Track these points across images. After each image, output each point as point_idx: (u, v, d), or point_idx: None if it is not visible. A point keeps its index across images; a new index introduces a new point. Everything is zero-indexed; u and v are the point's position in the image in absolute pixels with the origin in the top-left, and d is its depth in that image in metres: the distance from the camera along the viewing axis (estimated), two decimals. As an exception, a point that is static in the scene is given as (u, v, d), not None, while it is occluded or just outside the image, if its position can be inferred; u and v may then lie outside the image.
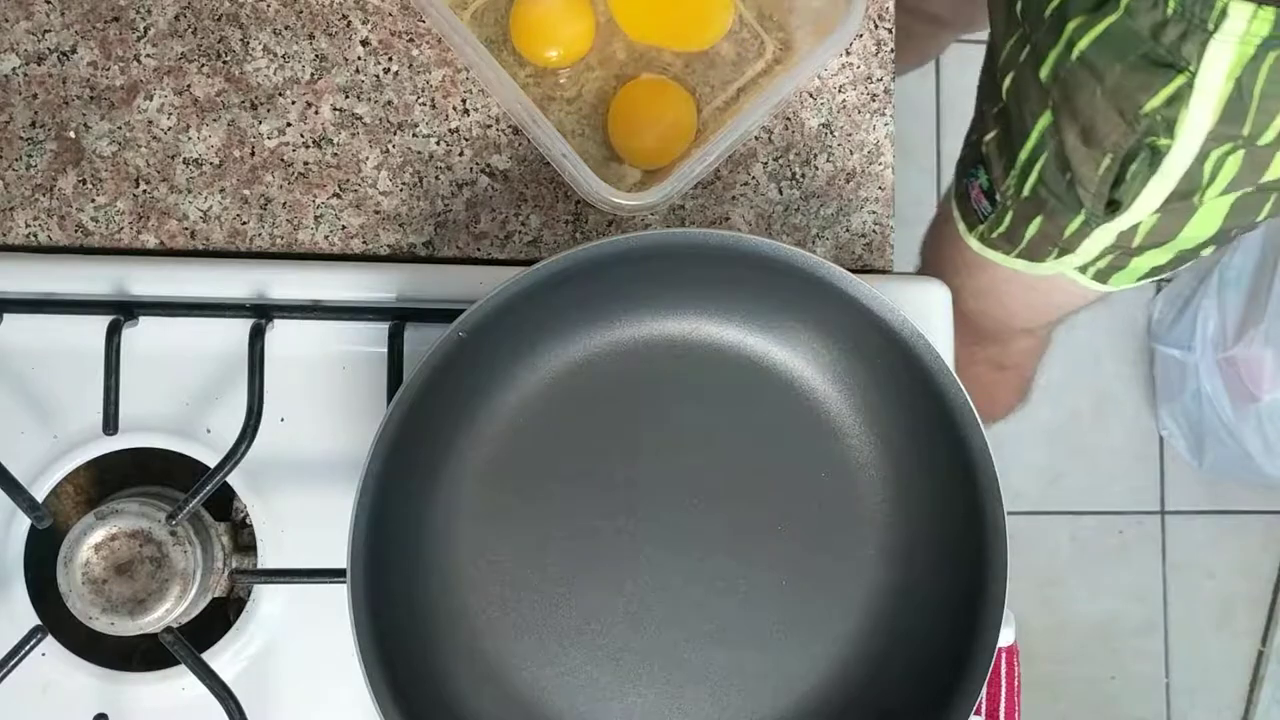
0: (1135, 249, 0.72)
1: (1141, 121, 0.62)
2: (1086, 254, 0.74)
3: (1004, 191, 0.75)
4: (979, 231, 0.80)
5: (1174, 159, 0.63)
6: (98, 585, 0.52)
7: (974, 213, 0.80)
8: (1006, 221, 0.76)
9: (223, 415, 0.59)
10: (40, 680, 0.57)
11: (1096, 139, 0.65)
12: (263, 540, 0.58)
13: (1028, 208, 0.74)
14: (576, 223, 0.62)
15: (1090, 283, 0.78)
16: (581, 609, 0.55)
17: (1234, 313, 1.44)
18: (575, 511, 0.55)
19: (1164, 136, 0.62)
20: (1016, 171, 0.73)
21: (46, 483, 0.58)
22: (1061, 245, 0.74)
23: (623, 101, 0.62)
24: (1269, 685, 1.62)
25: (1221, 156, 0.63)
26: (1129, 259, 0.74)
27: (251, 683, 0.58)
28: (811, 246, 0.63)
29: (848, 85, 0.64)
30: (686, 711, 0.55)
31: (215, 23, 0.61)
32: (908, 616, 0.55)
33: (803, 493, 0.56)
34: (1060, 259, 0.75)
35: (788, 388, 0.57)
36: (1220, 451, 1.53)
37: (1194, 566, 1.64)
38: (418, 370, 0.50)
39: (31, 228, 0.60)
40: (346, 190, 0.61)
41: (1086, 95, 0.64)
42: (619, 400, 0.56)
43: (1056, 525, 1.62)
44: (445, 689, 0.53)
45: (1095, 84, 0.63)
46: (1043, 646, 1.59)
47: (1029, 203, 0.73)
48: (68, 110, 0.60)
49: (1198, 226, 0.70)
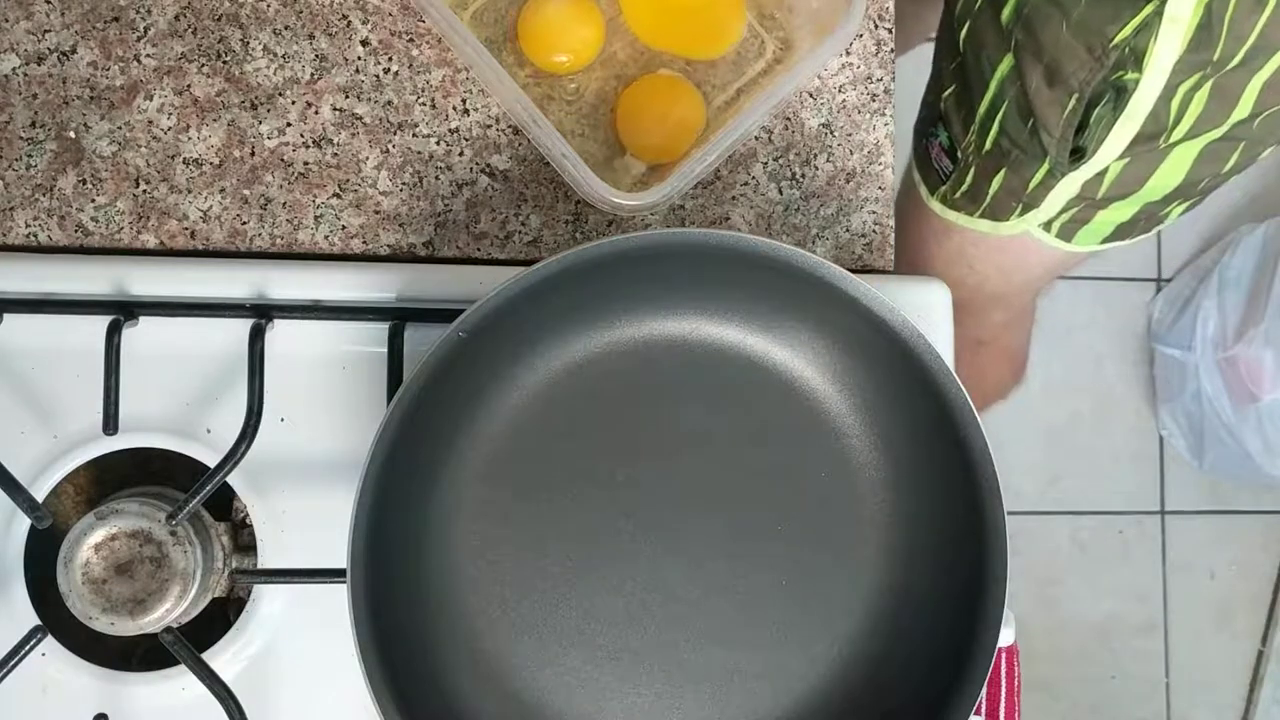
0: (1100, 200, 0.72)
1: (1110, 55, 0.62)
2: (1051, 208, 0.73)
3: (965, 148, 0.75)
4: (941, 193, 0.80)
5: (1141, 96, 0.63)
6: (98, 585, 0.52)
7: (935, 173, 0.79)
8: (969, 179, 0.76)
9: (223, 415, 0.59)
10: (40, 680, 0.57)
11: (1062, 78, 0.65)
12: (263, 540, 0.58)
13: (990, 162, 0.73)
14: (576, 223, 0.62)
15: (1055, 241, 0.77)
16: (581, 609, 0.55)
17: (1234, 313, 1.44)
18: (575, 511, 0.55)
19: (1131, 70, 0.62)
20: (976, 125, 0.73)
21: (46, 483, 0.58)
22: (1025, 200, 0.74)
23: (632, 96, 0.62)
24: (1269, 685, 1.62)
25: (1188, 92, 0.63)
26: (1094, 212, 0.74)
27: (251, 683, 0.58)
28: (811, 246, 0.63)
29: (848, 85, 0.64)
30: (686, 711, 0.55)
31: (215, 23, 0.61)
32: (908, 616, 0.55)
33: (803, 493, 0.56)
34: (1024, 215, 0.75)
35: (788, 388, 0.57)
36: (1220, 451, 1.53)
37: (1194, 566, 1.64)
38: (418, 370, 0.50)
39: (31, 228, 0.60)
40: (346, 190, 0.61)
41: (1052, 31, 0.64)
42: (619, 400, 0.56)
43: (1056, 525, 1.62)
44: (445, 689, 0.53)
45: (1061, 18, 0.63)
46: (1043, 646, 1.59)
47: (991, 156, 0.73)
48: (68, 110, 0.60)
49: (1164, 175, 0.69)
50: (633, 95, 0.62)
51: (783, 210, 0.63)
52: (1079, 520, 1.63)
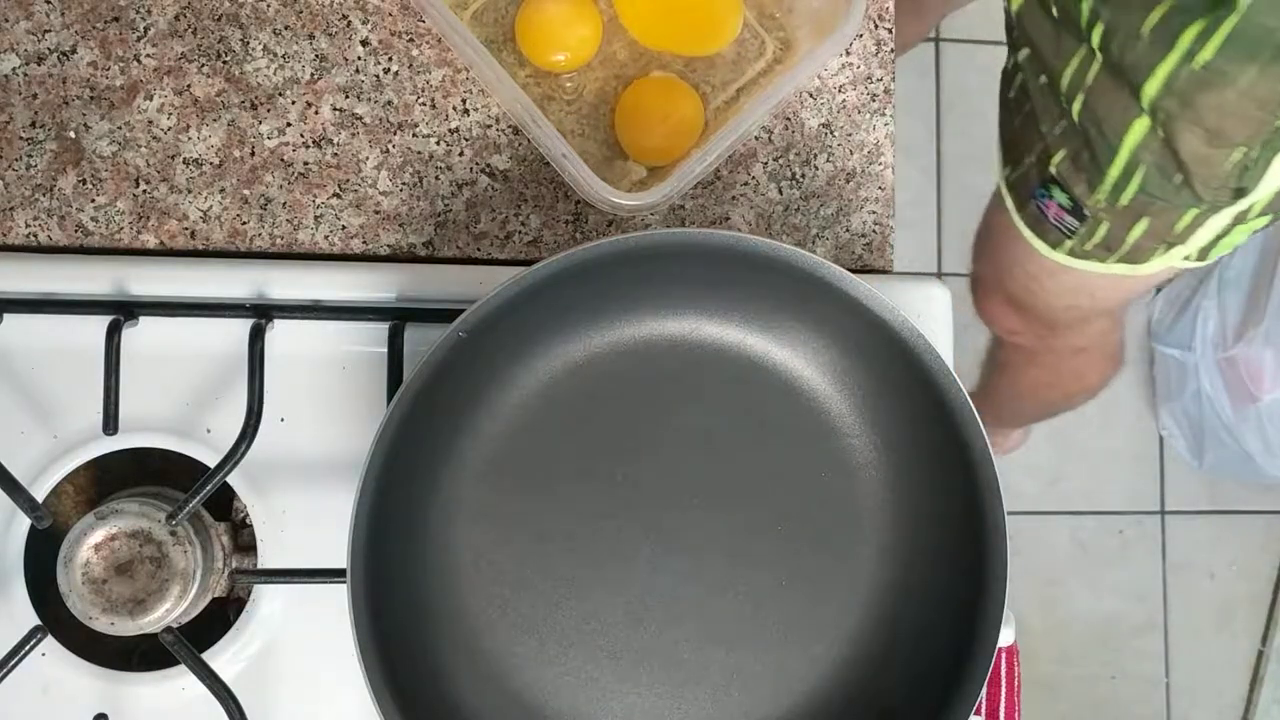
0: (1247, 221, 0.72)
1: None
2: (1198, 242, 0.73)
3: (1094, 205, 0.74)
4: (1068, 246, 0.79)
5: None
6: (98, 585, 0.52)
7: (1056, 230, 0.79)
8: (1101, 232, 0.75)
9: (223, 415, 0.59)
10: (40, 680, 0.57)
11: (1226, 138, 0.64)
12: (263, 540, 0.58)
13: (1128, 215, 0.73)
14: (576, 223, 0.62)
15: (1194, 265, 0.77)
16: (581, 609, 0.55)
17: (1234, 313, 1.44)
18: (575, 511, 0.55)
19: None
20: (1107, 187, 0.72)
21: (46, 483, 0.58)
22: (1170, 240, 0.73)
23: (631, 98, 0.62)
24: (1269, 685, 1.62)
25: None
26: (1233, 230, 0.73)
27: (251, 683, 0.58)
28: (811, 246, 0.63)
29: (848, 85, 0.64)
30: (686, 711, 0.55)
31: (215, 23, 0.61)
32: (908, 616, 0.55)
33: (803, 493, 0.56)
34: (1168, 253, 0.74)
35: (788, 388, 0.57)
36: (1220, 451, 1.53)
37: (1194, 566, 1.64)
38: (418, 370, 0.50)
39: (31, 228, 0.60)
40: (346, 190, 0.61)
41: (1213, 100, 0.63)
42: (619, 400, 0.56)
43: (1056, 525, 1.62)
44: (445, 689, 0.53)
45: (1226, 87, 0.63)
46: (1043, 646, 1.59)
47: (1128, 210, 0.72)
48: (68, 110, 0.60)
49: None
50: (632, 96, 0.62)
51: (783, 210, 0.63)
52: (1079, 520, 1.63)
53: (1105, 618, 1.62)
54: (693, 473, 0.56)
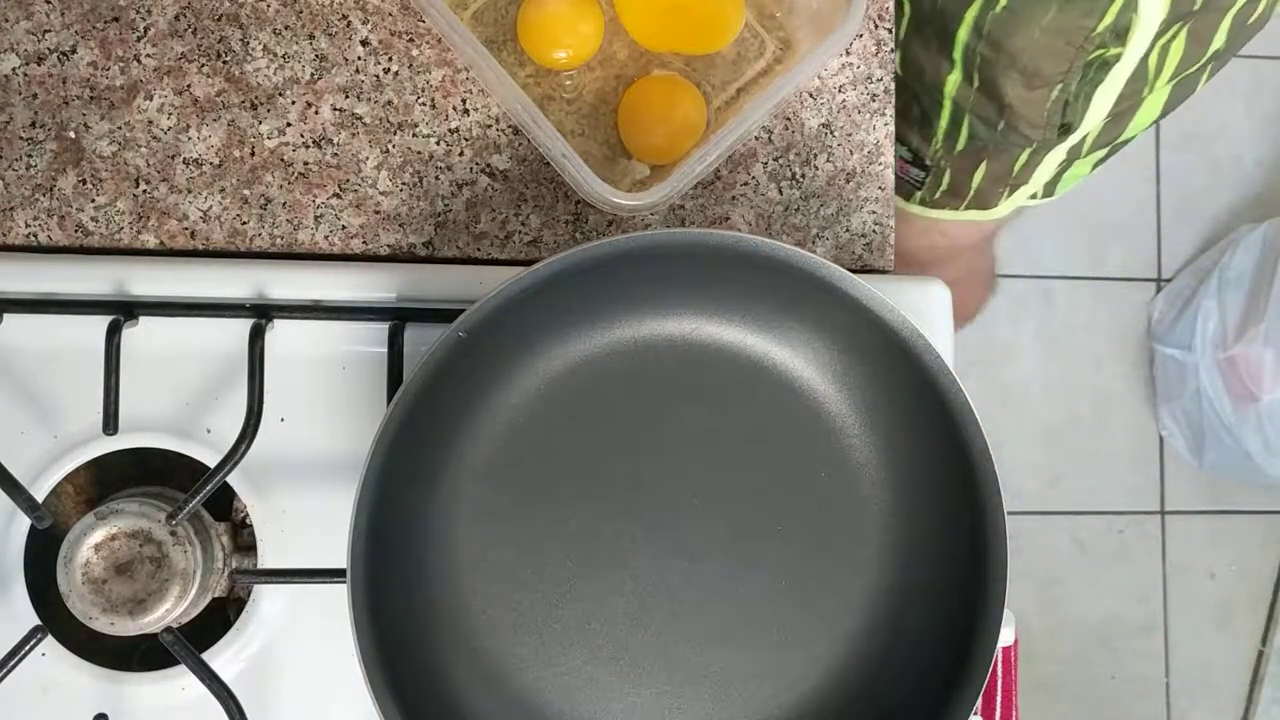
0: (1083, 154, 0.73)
1: (1092, 42, 0.62)
2: (1039, 180, 0.75)
3: (934, 156, 0.76)
4: (919, 197, 0.81)
5: (1123, 65, 0.64)
6: (98, 585, 0.52)
7: (905, 183, 0.81)
8: (946, 179, 0.77)
9: (223, 415, 0.59)
10: (40, 680, 0.57)
11: (1043, 77, 0.65)
12: (263, 540, 0.58)
13: (966, 160, 0.74)
14: (576, 223, 0.62)
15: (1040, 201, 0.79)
16: (581, 609, 0.55)
17: (1234, 313, 1.45)
18: (575, 512, 0.55)
19: (1113, 46, 0.63)
20: (940, 136, 0.74)
21: (46, 483, 0.58)
22: (1011, 182, 0.75)
23: (633, 97, 0.62)
24: (1269, 685, 1.62)
25: (1166, 44, 0.63)
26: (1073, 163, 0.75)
27: (251, 683, 0.58)
28: (811, 246, 0.63)
29: (848, 85, 0.64)
30: (686, 711, 0.55)
31: (215, 23, 0.61)
32: (908, 616, 0.55)
33: (803, 493, 0.56)
34: (1013, 195, 0.76)
35: (788, 388, 0.57)
36: (1220, 451, 1.53)
37: (1194, 566, 1.64)
38: (418, 370, 0.50)
39: (31, 228, 0.60)
40: (346, 190, 0.61)
41: (1023, 39, 0.64)
42: (619, 400, 0.56)
43: (1056, 525, 1.62)
44: (445, 689, 0.53)
45: (1032, 25, 0.64)
46: (1043, 646, 1.59)
47: (965, 156, 0.74)
48: (68, 110, 0.60)
49: (1143, 116, 0.71)
50: (634, 96, 0.62)
51: (783, 210, 0.63)
52: (1079, 520, 1.63)
53: (1105, 618, 1.62)
54: (693, 473, 0.56)
